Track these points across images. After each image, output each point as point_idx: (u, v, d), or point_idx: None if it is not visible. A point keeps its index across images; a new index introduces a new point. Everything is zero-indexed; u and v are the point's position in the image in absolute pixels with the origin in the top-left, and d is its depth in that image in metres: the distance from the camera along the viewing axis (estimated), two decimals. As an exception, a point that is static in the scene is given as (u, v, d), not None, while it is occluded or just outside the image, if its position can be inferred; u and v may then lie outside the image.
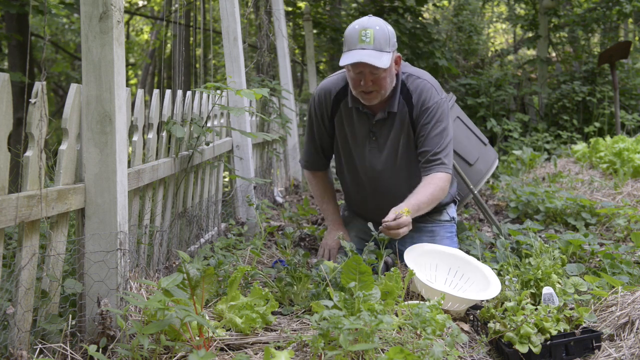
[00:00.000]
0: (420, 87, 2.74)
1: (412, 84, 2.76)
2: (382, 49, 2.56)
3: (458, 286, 2.53)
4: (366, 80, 2.60)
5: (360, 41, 2.56)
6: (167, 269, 2.57)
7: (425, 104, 2.72)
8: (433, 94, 2.73)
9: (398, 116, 2.77)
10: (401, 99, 2.76)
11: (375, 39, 2.55)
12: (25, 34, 7.03)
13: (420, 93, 2.73)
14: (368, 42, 2.55)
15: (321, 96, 2.89)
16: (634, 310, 2.15)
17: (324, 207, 3.07)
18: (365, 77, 2.59)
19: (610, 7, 9.03)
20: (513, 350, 1.96)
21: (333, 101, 2.86)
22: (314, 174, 3.09)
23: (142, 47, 16.53)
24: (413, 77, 2.78)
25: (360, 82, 2.62)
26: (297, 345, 1.89)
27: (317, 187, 3.10)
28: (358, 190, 2.98)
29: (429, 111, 2.71)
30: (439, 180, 2.68)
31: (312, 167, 3.07)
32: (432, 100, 2.72)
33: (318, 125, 2.95)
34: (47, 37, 10.89)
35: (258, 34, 5.59)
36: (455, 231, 3.07)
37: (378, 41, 2.55)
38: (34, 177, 1.68)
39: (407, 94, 2.76)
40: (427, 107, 2.71)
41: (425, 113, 2.72)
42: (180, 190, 2.83)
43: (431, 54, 8.57)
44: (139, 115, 2.36)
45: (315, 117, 2.93)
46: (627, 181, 5.10)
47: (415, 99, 2.74)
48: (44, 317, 1.80)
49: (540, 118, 8.97)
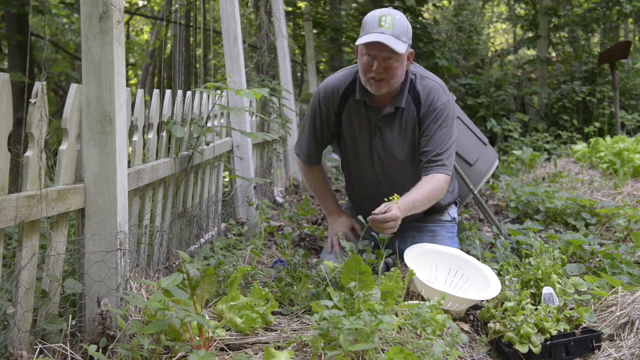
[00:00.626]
0: (429, 87, 2.77)
1: (420, 83, 2.79)
2: (400, 37, 2.57)
3: (458, 286, 2.53)
4: (378, 65, 2.60)
5: (379, 25, 2.56)
6: (167, 269, 2.57)
7: (433, 104, 2.74)
8: (441, 95, 2.76)
9: (405, 113, 2.78)
10: (409, 97, 2.77)
11: (394, 26, 2.56)
12: (25, 34, 7.03)
13: (428, 93, 2.76)
14: (387, 28, 2.56)
15: (328, 91, 2.89)
16: (634, 310, 2.15)
17: (324, 199, 3.10)
18: (378, 61, 2.59)
19: (610, 7, 9.03)
20: (513, 350, 1.96)
21: (341, 97, 2.86)
22: (311, 168, 3.11)
23: (142, 47, 16.52)
24: (422, 77, 2.81)
25: (372, 66, 2.61)
26: (297, 345, 1.89)
27: (315, 181, 3.12)
28: (361, 186, 2.99)
29: (436, 112, 2.73)
30: (437, 181, 2.69)
31: (311, 161, 3.08)
32: (440, 101, 2.75)
33: (321, 121, 2.94)
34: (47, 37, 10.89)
35: (258, 34, 5.59)
36: (456, 231, 3.07)
37: (396, 29, 2.57)
38: (34, 177, 1.68)
39: (415, 92, 2.77)
40: (434, 107, 2.74)
41: (432, 113, 2.74)
42: (180, 190, 2.83)
43: (431, 53, 8.57)
44: (139, 115, 2.36)
45: (320, 112, 2.93)
46: (627, 181, 5.10)
47: (424, 98, 2.76)
48: (44, 317, 1.80)
49: (540, 118, 8.97)
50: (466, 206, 4.47)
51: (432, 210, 3.01)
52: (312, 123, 2.98)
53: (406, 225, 3.01)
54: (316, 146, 3.03)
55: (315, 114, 2.95)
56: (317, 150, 3.05)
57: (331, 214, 3.08)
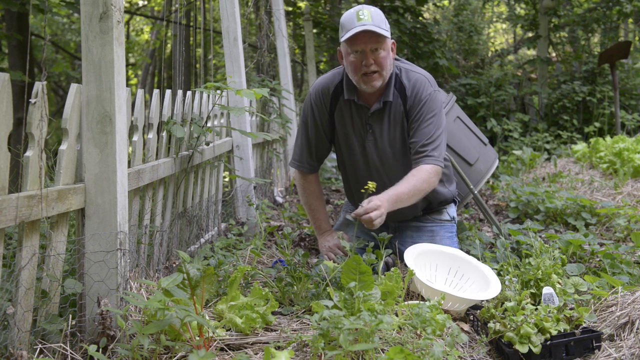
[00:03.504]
0: (414, 79, 2.76)
1: (406, 76, 2.78)
2: (380, 25, 2.59)
3: (458, 286, 2.53)
4: (367, 58, 2.60)
5: (358, 19, 2.58)
6: (167, 269, 2.57)
7: (419, 96, 2.73)
8: (426, 86, 2.75)
9: (392, 107, 2.77)
10: (395, 91, 2.77)
11: (372, 17, 2.58)
12: (26, 34, 7.03)
13: (414, 85, 2.75)
14: (366, 20, 2.58)
15: (319, 92, 2.87)
16: (634, 310, 2.15)
17: (314, 214, 3.00)
18: (366, 55, 2.60)
19: (611, 7, 9.03)
20: (513, 350, 1.96)
21: (332, 96, 2.85)
22: (304, 177, 3.01)
23: (142, 47, 16.53)
24: (407, 70, 2.80)
25: (361, 62, 2.62)
26: (297, 345, 1.89)
27: (306, 192, 3.01)
28: (357, 184, 2.97)
29: (422, 103, 2.73)
30: (423, 173, 2.65)
31: (305, 168, 2.98)
32: (425, 92, 2.74)
33: (315, 124, 2.90)
34: (48, 37, 10.89)
35: (258, 34, 5.59)
36: (455, 231, 3.07)
37: (375, 19, 2.59)
38: (34, 177, 1.68)
39: (401, 85, 2.77)
40: (420, 98, 2.73)
41: (418, 105, 2.73)
42: (180, 190, 2.83)
43: (431, 53, 8.57)
44: (139, 115, 2.36)
45: (312, 115, 2.89)
46: (627, 181, 5.10)
47: (409, 90, 2.75)
48: (44, 317, 1.80)
49: (540, 118, 8.97)
50: (466, 206, 4.47)
51: (431, 209, 3.01)
52: (305, 128, 2.94)
53: (405, 225, 3.01)
54: (309, 152, 2.95)
55: (308, 117, 2.91)
56: (310, 157, 2.96)
57: (322, 233, 2.98)
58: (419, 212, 2.98)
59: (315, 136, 2.93)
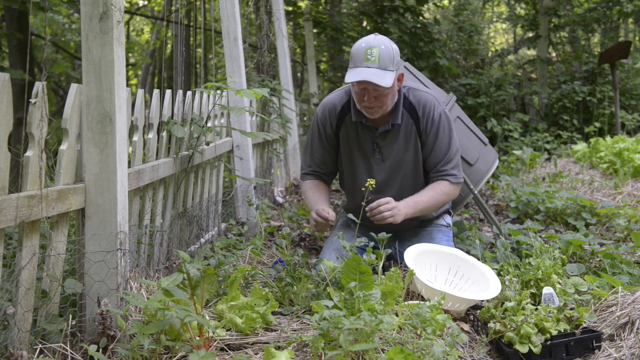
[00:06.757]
0: (424, 100, 2.84)
1: (414, 96, 2.85)
2: (387, 67, 2.64)
3: (458, 286, 2.53)
4: (369, 96, 2.69)
5: (365, 59, 2.63)
6: (167, 269, 2.57)
7: (431, 118, 2.82)
8: (437, 106, 2.85)
9: (403, 128, 2.84)
10: (404, 111, 2.84)
11: (380, 58, 2.63)
12: (26, 33, 7.03)
13: (424, 105, 2.83)
14: (373, 61, 2.63)
15: (325, 111, 2.94)
16: (634, 310, 2.15)
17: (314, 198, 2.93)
18: (368, 93, 2.68)
19: (611, 7, 9.03)
20: (513, 350, 1.96)
21: (339, 115, 2.92)
22: (313, 182, 3.02)
23: (142, 47, 16.52)
24: (414, 89, 2.88)
25: (364, 97, 2.70)
26: (297, 345, 1.89)
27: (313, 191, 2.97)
28: (359, 203, 2.96)
29: (435, 123, 2.82)
30: (443, 186, 2.82)
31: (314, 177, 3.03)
32: (437, 112, 2.83)
33: (320, 140, 2.97)
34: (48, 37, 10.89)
35: (258, 34, 5.59)
36: (452, 237, 3.10)
37: (383, 60, 2.63)
38: (34, 177, 1.68)
39: (410, 106, 2.84)
40: (432, 120, 2.82)
41: (432, 127, 2.82)
42: (181, 190, 2.83)
43: (432, 53, 8.57)
44: (139, 115, 2.36)
45: (319, 132, 2.97)
46: (627, 181, 5.10)
47: (420, 111, 2.83)
48: (44, 317, 1.80)
49: (540, 118, 8.96)
50: (466, 206, 4.47)
51: (428, 218, 3.04)
52: (312, 142, 3.02)
53: (404, 228, 3.01)
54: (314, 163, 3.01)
55: (314, 134, 2.99)
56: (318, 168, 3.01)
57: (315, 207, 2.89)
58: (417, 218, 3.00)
59: (321, 152, 3.00)
